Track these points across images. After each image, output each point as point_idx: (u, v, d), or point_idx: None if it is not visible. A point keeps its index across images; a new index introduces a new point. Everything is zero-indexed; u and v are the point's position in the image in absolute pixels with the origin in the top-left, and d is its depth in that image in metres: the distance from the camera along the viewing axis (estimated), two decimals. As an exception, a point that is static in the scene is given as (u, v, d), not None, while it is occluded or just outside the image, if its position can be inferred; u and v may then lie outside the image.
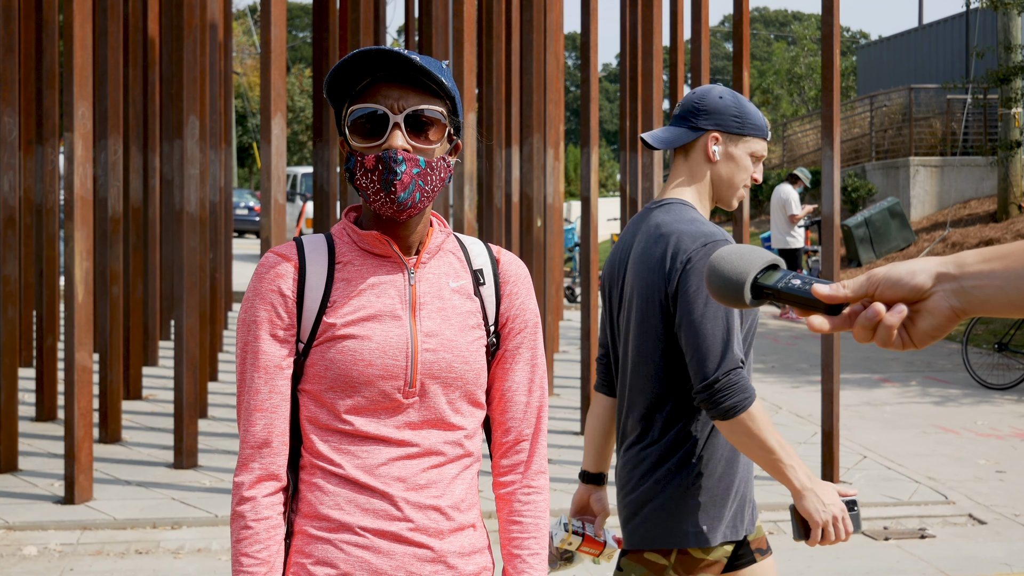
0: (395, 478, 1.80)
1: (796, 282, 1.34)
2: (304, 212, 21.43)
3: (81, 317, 5.67)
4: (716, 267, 1.39)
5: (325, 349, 1.80)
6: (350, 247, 1.86)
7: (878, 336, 1.26)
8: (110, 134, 7.69)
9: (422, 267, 1.86)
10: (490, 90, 7.67)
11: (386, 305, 1.82)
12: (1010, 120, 17.44)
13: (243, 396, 1.83)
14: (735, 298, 1.38)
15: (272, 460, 1.81)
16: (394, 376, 1.80)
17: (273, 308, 1.81)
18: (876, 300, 1.27)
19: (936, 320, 1.26)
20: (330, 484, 1.80)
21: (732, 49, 9.47)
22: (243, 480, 1.81)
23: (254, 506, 1.79)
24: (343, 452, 1.80)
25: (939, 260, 1.26)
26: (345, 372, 1.79)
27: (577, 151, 38.21)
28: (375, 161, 1.77)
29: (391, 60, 1.77)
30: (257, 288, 1.82)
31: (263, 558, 1.78)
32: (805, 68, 36.28)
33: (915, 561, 5.18)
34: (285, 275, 1.82)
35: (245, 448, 1.82)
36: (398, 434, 1.81)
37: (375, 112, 1.79)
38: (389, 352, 1.80)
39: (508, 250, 2.08)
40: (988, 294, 1.23)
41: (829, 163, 6.48)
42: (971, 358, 10.11)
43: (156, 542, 5.26)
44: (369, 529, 1.79)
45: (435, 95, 1.82)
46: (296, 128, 39.83)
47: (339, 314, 1.81)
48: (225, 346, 11.09)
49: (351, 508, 1.79)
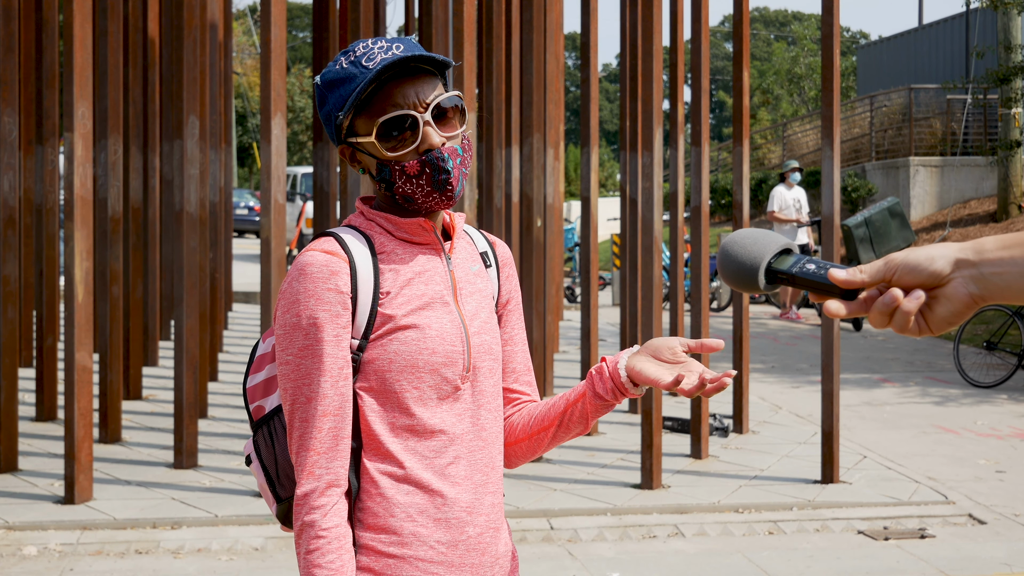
0: (463, 477, 1.80)
1: (811, 267, 1.32)
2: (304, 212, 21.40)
3: (81, 317, 5.67)
4: (729, 252, 1.37)
5: (387, 342, 1.76)
6: (386, 237, 1.82)
7: (895, 322, 1.25)
8: (110, 134, 7.69)
9: (452, 252, 1.87)
10: (490, 90, 7.66)
11: (436, 292, 1.81)
12: (1010, 120, 17.44)
13: (303, 402, 1.74)
14: (749, 283, 1.36)
15: (341, 466, 1.74)
16: (454, 362, 1.79)
17: (332, 307, 1.74)
18: (893, 285, 1.26)
19: (954, 307, 1.25)
20: (399, 493, 1.75)
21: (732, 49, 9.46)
22: (311, 488, 1.72)
23: (325, 514, 1.72)
24: (410, 451, 1.77)
25: (958, 246, 1.25)
26: (411, 362, 1.76)
27: (577, 151, 38.19)
28: (420, 166, 1.76)
29: (395, 62, 1.75)
30: (311, 289, 1.73)
31: (336, 568, 1.71)
32: (805, 68, 36.27)
33: (915, 561, 5.18)
34: (340, 271, 1.75)
35: (310, 454, 1.72)
36: (459, 424, 1.81)
37: (403, 117, 1.76)
38: (447, 338, 1.79)
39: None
40: (1007, 281, 1.23)
41: (829, 163, 6.48)
42: (962, 357, 10.18)
43: (156, 542, 5.25)
44: (443, 542, 1.77)
45: (434, 75, 1.81)
46: (296, 128, 39.81)
47: (395, 305, 1.78)
48: (225, 346, 11.09)
49: (424, 519, 1.76)
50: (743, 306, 7.46)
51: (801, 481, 6.37)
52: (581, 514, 5.74)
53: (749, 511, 5.86)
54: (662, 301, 7.54)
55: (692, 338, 6.84)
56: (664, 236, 17.34)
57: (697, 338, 6.88)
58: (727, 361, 10.28)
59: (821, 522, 5.73)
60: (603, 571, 4.99)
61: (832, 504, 5.97)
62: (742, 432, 7.54)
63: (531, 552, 5.24)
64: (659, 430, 6.16)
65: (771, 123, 35.49)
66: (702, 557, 5.21)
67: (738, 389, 7.52)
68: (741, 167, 7.38)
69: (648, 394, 6.34)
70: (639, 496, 5.99)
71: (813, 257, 1.34)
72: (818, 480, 6.37)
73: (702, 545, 5.38)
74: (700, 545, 5.38)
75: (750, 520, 5.73)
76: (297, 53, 52.77)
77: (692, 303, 6.93)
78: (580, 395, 1.87)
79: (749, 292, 1.38)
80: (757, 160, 28.62)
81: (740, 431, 7.54)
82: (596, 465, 6.65)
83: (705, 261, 6.93)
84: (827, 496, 6.09)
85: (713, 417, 7.50)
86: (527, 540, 5.41)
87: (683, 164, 7.21)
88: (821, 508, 5.93)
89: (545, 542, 5.40)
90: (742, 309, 7.44)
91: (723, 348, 1.86)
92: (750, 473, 6.51)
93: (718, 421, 7.44)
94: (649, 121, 6.53)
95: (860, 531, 5.64)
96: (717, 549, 5.33)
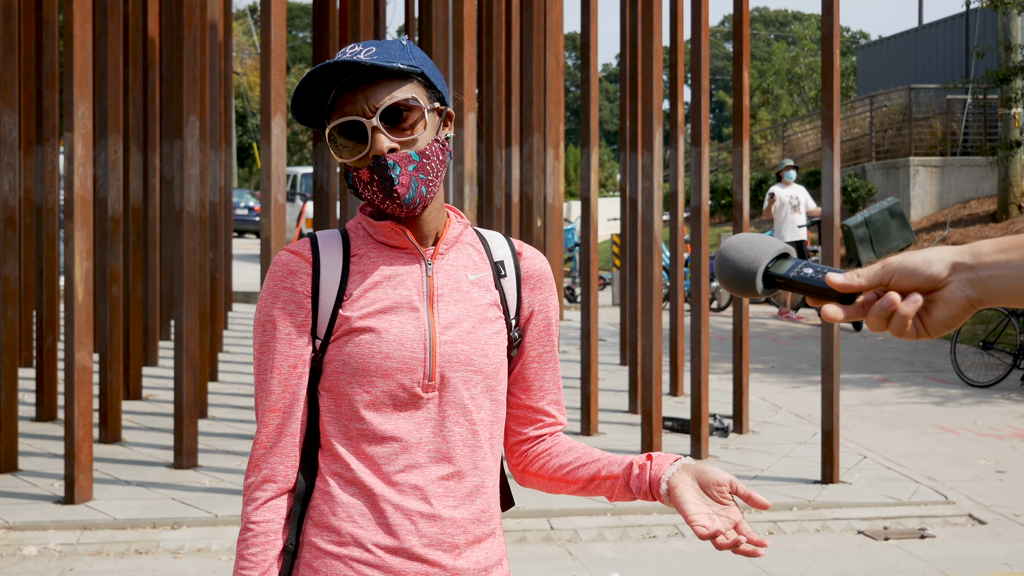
0: (412, 486, 1.75)
1: (808, 271, 1.32)
2: (304, 212, 21.42)
3: (81, 317, 5.67)
4: (727, 256, 1.37)
5: (343, 344, 1.76)
6: (365, 240, 1.82)
7: (893, 325, 1.25)
8: (110, 134, 7.69)
9: (440, 258, 1.82)
10: (490, 90, 7.67)
11: (403, 296, 1.78)
12: (1010, 120, 17.44)
13: (258, 397, 1.80)
14: (746, 287, 1.36)
15: (280, 462, 1.78)
16: (412, 369, 1.75)
17: (287, 307, 1.78)
18: (891, 289, 1.26)
19: (951, 310, 1.24)
20: (345, 493, 1.76)
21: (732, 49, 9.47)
22: (250, 481, 1.79)
23: (257, 507, 1.78)
24: (360, 455, 1.76)
25: (955, 250, 1.25)
26: (363, 365, 1.75)
27: (577, 151, 38.20)
28: (369, 173, 1.74)
29: (342, 68, 1.73)
30: (270, 287, 1.79)
31: (257, 561, 1.75)
32: (805, 68, 36.27)
33: (915, 561, 5.18)
34: (298, 271, 1.78)
35: (256, 448, 1.79)
36: (417, 433, 1.76)
37: (349, 123, 1.74)
38: (407, 344, 1.75)
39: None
40: (1005, 284, 1.22)
41: (829, 163, 6.48)
42: (959, 357, 10.22)
43: (156, 542, 5.25)
44: (381, 546, 1.74)
45: (402, 77, 1.77)
46: (296, 128, 39.82)
47: (355, 307, 1.77)
48: (225, 346, 11.09)
49: (364, 521, 1.75)
50: (743, 306, 7.46)
51: (801, 481, 6.37)
52: (581, 514, 5.74)
53: (749, 511, 5.86)
54: (662, 301, 7.54)
55: (691, 337, 6.83)
56: (664, 236, 17.34)
57: (697, 338, 6.90)
58: (727, 361, 10.28)
59: (821, 522, 5.73)
60: (603, 571, 4.99)
61: (832, 504, 5.97)
62: (742, 432, 7.54)
63: (531, 552, 5.24)
64: (659, 430, 6.16)
65: (771, 123, 35.49)
66: (702, 557, 5.21)
67: (738, 389, 7.52)
68: (741, 167, 7.38)
69: (648, 394, 6.35)
70: (639, 496, 5.99)
71: (810, 261, 1.34)
72: (818, 480, 6.37)
73: (702, 545, 5.38)
74: (700, 545, 5.38)
75: (750, 520, 5.73)
76: (297, 53, 52.78)
77: (692, 303, 6.93)
78: (613, 476, 1.84)
79: (747, 296, 1.38)
80: (757, 160, 28.63)
81: (740, 431, 7.54)
82: (596, 465, 6.64)
83: (705, 261, 6.93)
84: (827, 496, 6.09)
85: (713, 417, 7.50)
86: (527, 540, 5.41)
87: (683, 164, 7.21)
88: (821, 508, 5.93)
89: (545, 542, 5.40)
90: (742, 309, 7.44)
91: (769, 508, 1.80)
92: (750, 473, 6.50)
93: (718, 421, 7.44)
94: (649, 121, 6.53)
95: (860, 531, 5.64)
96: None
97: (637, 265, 8.50)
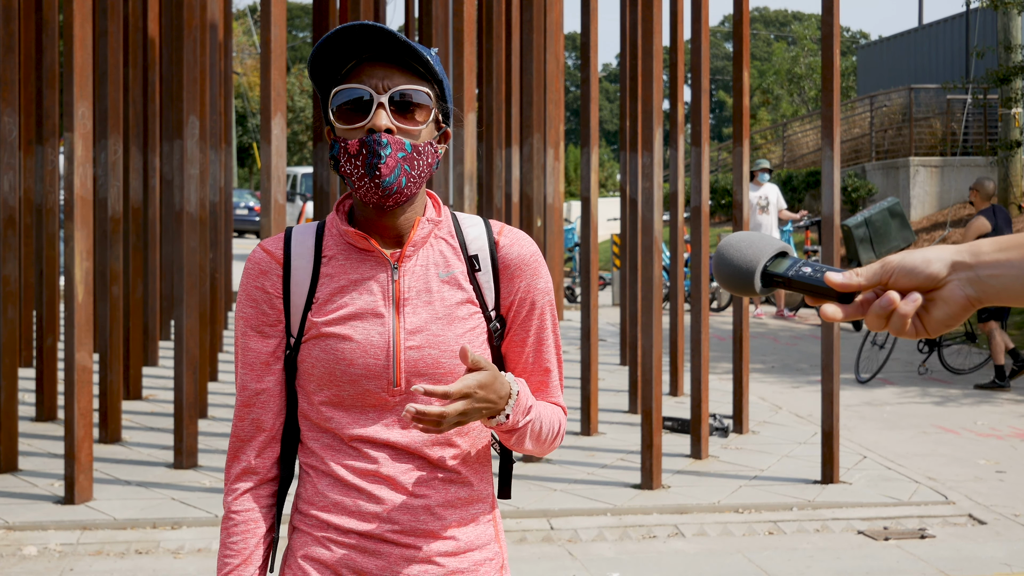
0: (383, 477, 1.78)
1: (807, 270, 1.32)
2: (304, 212, 21.42)
3: (81, 317, 5.67)
4: (725, 255, 1.37)
5: (311, 347, 1.79)
6: (336, 240, 1.83)
7: (892, 324, 1.25)
8: (110, 134, 7.69)
9: (406, 260, 1.80)
10: (490, 90, 7.67)
11: (368, 303, 1.78)
12: (1010, 120, 17.44)
13: (236, 390, 1.87)
14: (745, 286, 1.36)
15: (255, 454, 1.84)
16: (376, 375, 1.77)
17: (257, 306, 1.82)
18: (890, 288, 1.26)
19: (951, 309, 1.24)
20: (320, 483, 1.81)
21: (732, 49, 9.47)
22: (230, 472, 1.86)
23: (236, 497, 1.83)
24: (332, 450, 1.81)
25: (954, 248, 1.25)
26: (329, 371, 1.78)
27: (577, 151, 38.19)
28: (359, 145, 1.72)
29: (375, 36, 1.72)
30: (244, 285, 1.84)
31: (238, 549, 1.82)
32: (805, 68, 36.28)
33: (915, 561, 5.18)
34: (269, 272, 1.82)
35: (233, 440, 1.85)
36: (386, 432, 1.78)
37: (358, 93, 1.74)
38: (370, 351, 1.76)
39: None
40: (1004, 283, 1.22)
41: (829, 163, 6.48)
42: (943, 348, 10.49)
43: (156, 542, 5.25)
44: (354, 532, 1.78)
45: (422, 77, 1.77)
46: (296, 128, 39.84)
47: (323, 312, 1.79)
48: (225, 346, 11.09)
49: (336, 510, 1.80)
50: (743, 306, 7.46)
51: (801, 481, 6.37)
52: (581, 514, 5.74)
53: (749, 511, 5.86)
54: (662, 301, 7.53)
55: (691, 337, 6.83)
56: (664, 236, 17.34)
57: (697, 338, 6.90)
58: (727, 361, 10.28)
59: (821, 522, 5.73)
60: (603, 571, 4.99)
61: (832, 504, 5.97)
62: (742, 432, 7.53)
63: (531, 552, 5.24)
64: (659, 430, 6.16)
65: (771, 123, 35.49)
66: (702, 557, 5.21)
67: (738, 389, 7.52)
68: (741, 167, 7.38)
69: (648, 394, 6.35)
70: (639, 496, 5.99)
71: (809, 260, 1.34)
72: (818, 480, 6.37)
73: (702, 545, 5.38)
74: (700, 545, 5.38)
75: (750, 520, 5.73)
76: (297, 53, 52.78)
77: (692, 303, 6.93)
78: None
79: (745, 295, 1.37)
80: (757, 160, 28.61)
81: (740, 431, 7.54)
82: (596, 465, 6.65)
83: (705, 261, 6.93)
84: (827, 496, 6.09)
85: (713, 417, 7.50)
86: (527, 540, 5.41)
87: (683, 164, 7.20)
88: (821, 508, 5.93)
89: (545, 542, 5.40)
90: (742, 309, 7.44)
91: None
92: (750, 473, 6.51)
93: (718, 421, 7.44)
94: (649, 121, 6.53)
95: (860, 531, 5.64)
96: (717, 549, 5.34)
97: (637, 265, 8.50)
